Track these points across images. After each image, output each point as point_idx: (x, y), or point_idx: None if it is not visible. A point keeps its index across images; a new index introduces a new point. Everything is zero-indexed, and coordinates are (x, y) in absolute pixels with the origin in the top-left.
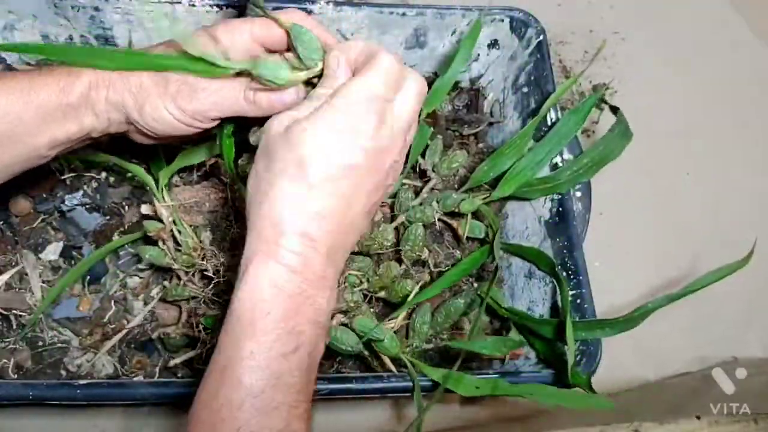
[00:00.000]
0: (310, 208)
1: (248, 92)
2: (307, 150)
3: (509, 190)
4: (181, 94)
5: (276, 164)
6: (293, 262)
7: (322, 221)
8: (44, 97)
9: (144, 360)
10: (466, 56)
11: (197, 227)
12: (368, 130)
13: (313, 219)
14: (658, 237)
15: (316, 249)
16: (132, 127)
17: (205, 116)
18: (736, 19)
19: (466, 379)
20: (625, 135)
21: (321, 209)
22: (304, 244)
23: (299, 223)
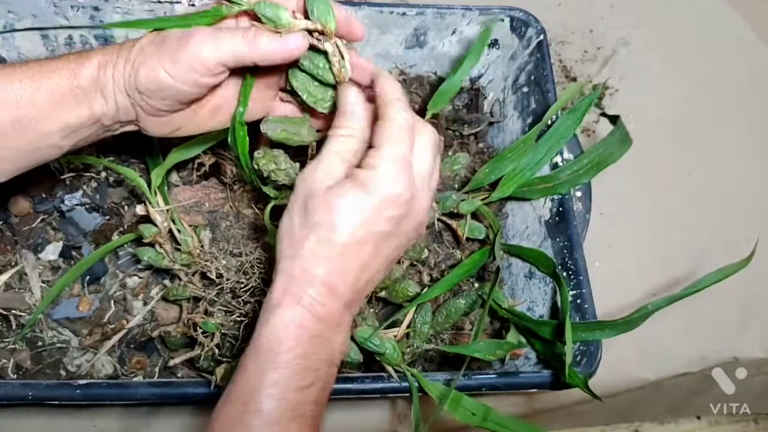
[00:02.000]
0: (336, 266)
1: (247, 32)
2: (341, 217)
3: (508, 191)
4: (176, 47)
5: (312, 222)
6: (317, 309)
7: (346, 277)
8: (56, 81)
9: (143, 360)
10: (474, 61)
11: (197, 227)
12: (398, 201)
13: (338, 276)
14: (658, 237)
15: (338, 301)
16: (140, 111)
17: (201, 63)
18: (736, 19)
19: (464, 401)
20: (624, 141)
21: (346, 269)
22: (328, 296)
23: (326, 278)
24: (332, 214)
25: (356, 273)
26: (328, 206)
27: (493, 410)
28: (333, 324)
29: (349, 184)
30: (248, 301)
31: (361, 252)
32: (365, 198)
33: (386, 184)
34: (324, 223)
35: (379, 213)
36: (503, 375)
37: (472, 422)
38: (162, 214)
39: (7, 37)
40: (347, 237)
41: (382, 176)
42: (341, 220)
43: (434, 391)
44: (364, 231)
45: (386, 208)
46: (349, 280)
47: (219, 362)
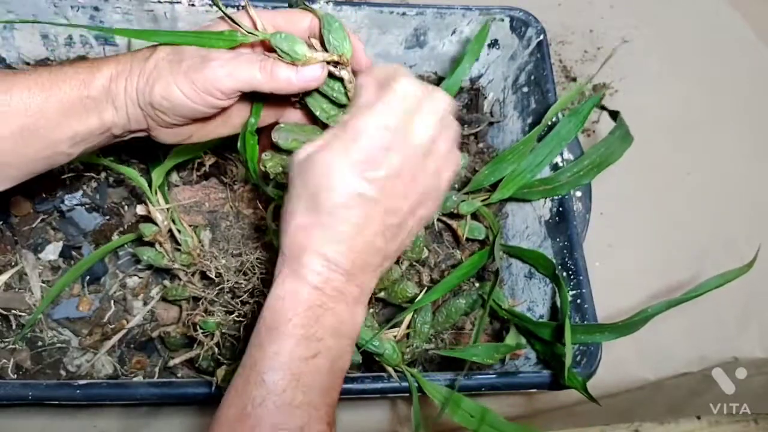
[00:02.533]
0: (325, 233)
1: (265, 62)
2: (319, 181)
3: (508, 193)
4: (193, 68)
5: (295, 193)
6: (314, 279)
7: (338, 245)
8: (66, 91)
9: (143, 360)
10: (471, 60)
11: (197, 227)
12: (377, 160)
13: (328, 243)
14: (658, 237)
15: (333, 269)
16: (151, 122)
17: (218, 89)
18: (736, 19)
19: (464, 403)
20: (625, 139)
21: (335, 235)
22: (322, 265)
23: (316, 247)
24: (314, 179)
25: (350, 239)
26: (309, 172)
27: (490, 412)
28: (334, 293)
29: (326, 146)
30: (247, 302)
31: (348, 216)
32: (341, 157)
33: (357, 141)
34: (307, 190)
35: (353, 173)
36: (503, 375)
37: (469, 425)
38: (162, 213)
39: (7, 37)
40: (330, 201)
41: (353, 131)
42: (322, 184)
43: (434, 393)
44: (344, 193)
45: (361, 166)
46: (341, 248)
47: (219, 362)
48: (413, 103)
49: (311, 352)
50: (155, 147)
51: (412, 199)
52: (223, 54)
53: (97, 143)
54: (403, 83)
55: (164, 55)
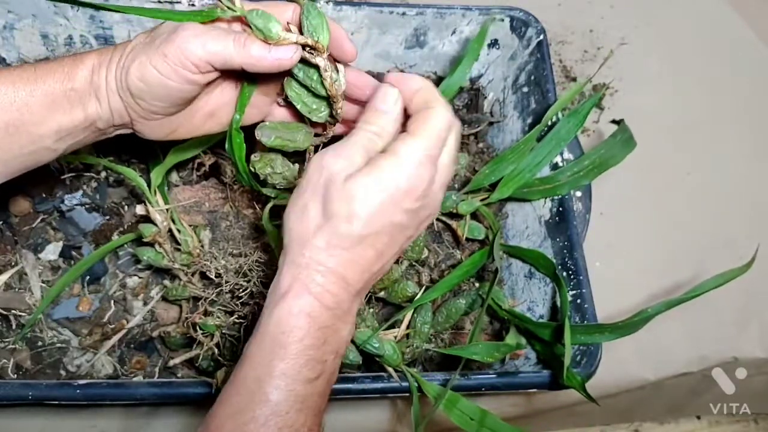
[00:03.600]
0: (350, 257)
1: (239, 35)
2: (360, 207)
3: (508, 192)
4: (166, 41)
5: (329, 212)
6: (328, 300)
7: (358, 267)
8: (50, 84)
9: (143, 360)
10: (471, 61)
11: (197, 227)
12: (417, 194)
13: (350, 266)
14: (658, 237)
15: (347, 290)
16: (133, 114)
17: (191, 60)
18: (736, 19)
19: (461, 402)
20: (627, 144)
21: (359, 259)
22: (339, 286)
23: (338, 268)
24: (351, 205)
25: (369, 263)
26: (347, 196)
27: (490, 415)
28: (342, 314)
29: (372, 172)
30: (248, 303)
31: (376, 242)
32: (386, 189)
33: (410, 175)
34: (341, 213)
35: (398, 203)
36: (503, 375)
37: (469, 428)
38: (162, 214)
39: (7, 37)
40: (364, 228)
41: (406, 166)
42: (360, 211)
43: (432, 392)
44: (382, 222)
45: (405, 199)
46: (360, 271)
47: (219, 363)
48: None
49: (315, 374)
50: (155, 147)
51: (425, 218)
52: (195, 25)
53: (82, 139)
54: (443, 116)
55: (141, 39)
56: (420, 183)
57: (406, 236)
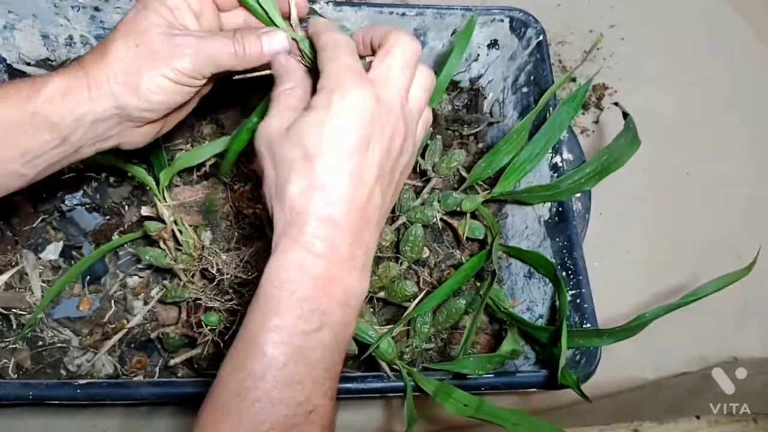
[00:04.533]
0: (327, 193)
1: (237, 41)
2: (311, 142)
3: (509, 186)
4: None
5: (285, 161)
6: (318, 247)
7: (341, 202)
8: (5, 109)
9: (144, 360)
10: (460, 54)
11: (197, 227)
12: (360, 103)
13: (332, 202)
14: (658, 237)
15: (340, 231)
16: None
17: (204, 74)
18: (736, 19)
19: (457, 393)
20: (632, 143)
21: (338, 192)
22: (327, 228)
23: (319, 209)
24: (302, 142)
25: (351, 192)
26: (294, 139)
27: (486, 402)
28: (341, 259)
29: (307, 112)
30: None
31: (347, 168)
32: (325, 115)
33: (342, 94)
34: (296, 156)
35: (346, 122)
36: (501, 375)
37: (464, 413)
38: (169, 210)
39: (7, 37)
40: (325, 157)
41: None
42: (312, 143)
43: (428, 386)
44: (339, 145)
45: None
46: (344, 204)
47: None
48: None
49: (315, 326)
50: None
51: (402, 153)
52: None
53: (54, 160)
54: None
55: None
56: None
57: (382, 158)
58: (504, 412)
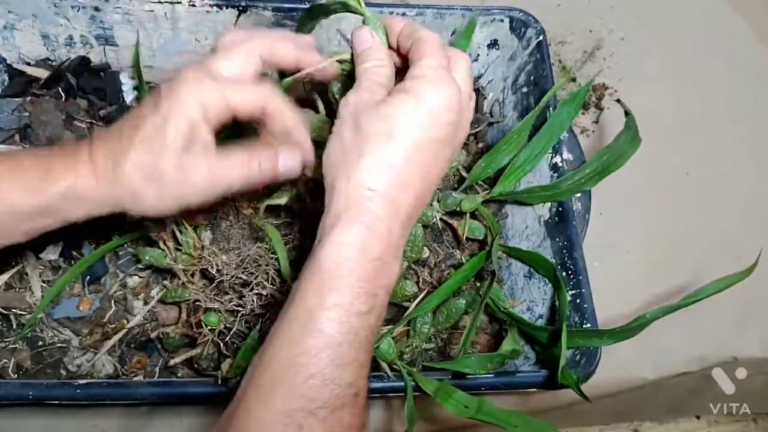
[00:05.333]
0: (398, 176)
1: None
2: (399, 124)
3: (509, 186)
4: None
5: (367, 133)
6: (379, 227)
7: (408, 190)
8: (13, 201)
9: (144, 360)
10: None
11: (197, 227)
12: (452, 105)
13: (399, 188)
14: (658, 237)
15: (399, 218)
16: None
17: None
18: (736, 19)
19: (457, 394)
20: (633, 143)
21: (407, 179)
22: (389, 211)
23: (388, 190)
24: (390, 122)
25: (417, 183)
26: (384, 115)
27: (486, 403)
28: (393, 246)
29: (401, 95)
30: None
31: (422, 158)
32: (420, 104)
33: (437, 88)
34: (381, 131)
35: (436, 117)
36: (501, 375)
37: (465, 414)
38: None
39: (7, 37)
40: (410, 140)
41: (431, 82)
42: (401, 125)
43: (429, 387)
44: (424, 137)
45: (442, 112)
46: (410, 194)
47: (219, 361)
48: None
49: (367, 307)
50: None
51: (461, 134)
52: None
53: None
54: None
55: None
56: (449, 94)
57: (447, 155)
58: (504, 413)
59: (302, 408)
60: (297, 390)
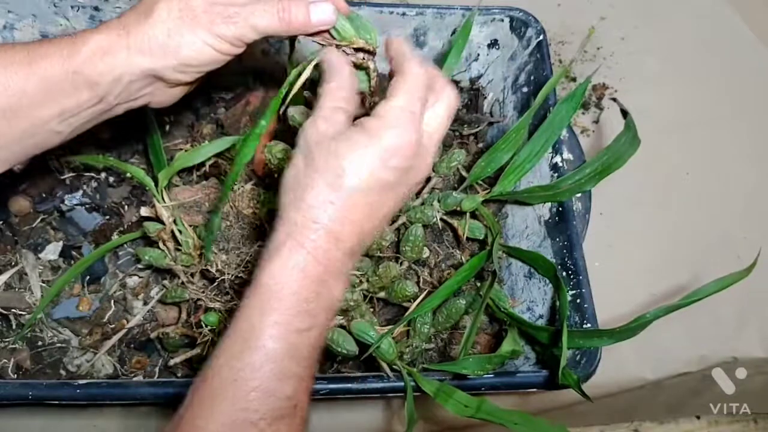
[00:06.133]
0: (341, 213)
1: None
2: (347, 163)
3: (510, 185)
4: (216, 23)
5: (317, 169)
6: (320, 255)
7: (350, 226)
8: (46, 68)
9: (144, 360)
10: (459, 53)
11: (197, 227)
12: (403, 152)
13: (342, 223)
14: (658, 237)
15: (339, 248)
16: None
17: (246, 40)
18: (736, 19)
19: (457, 394)
20: (632, 143)
21: (350, 216)
22: (330, 242)
23: (330, 224)
24: (339, 159)
25: (360, 221)
26: (335, 152)
27: (486, 402)
28: (335, 271)
29: (357, 131)
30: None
31: (366, 199)
32: (372, 145)
33: (394, 133)
34: (330, 167)
35: (385, 161)
36: (501, 375)
37: (465, 413)
38: (168, 211)
39: (7, 37)
40: (354, 182)
41: (389, 125)
42: (349, 165)
43: (429, 387)
44: (370, 178)
45: (392, 157)
46: (353, 228)
47: None
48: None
49: (307, 326)
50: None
51: (415, 178)
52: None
53: (89, 118)
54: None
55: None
56: (404, 140)
57: (397, 196)
58: (505, 412)
59: (244, 420)
60: (239, 403)
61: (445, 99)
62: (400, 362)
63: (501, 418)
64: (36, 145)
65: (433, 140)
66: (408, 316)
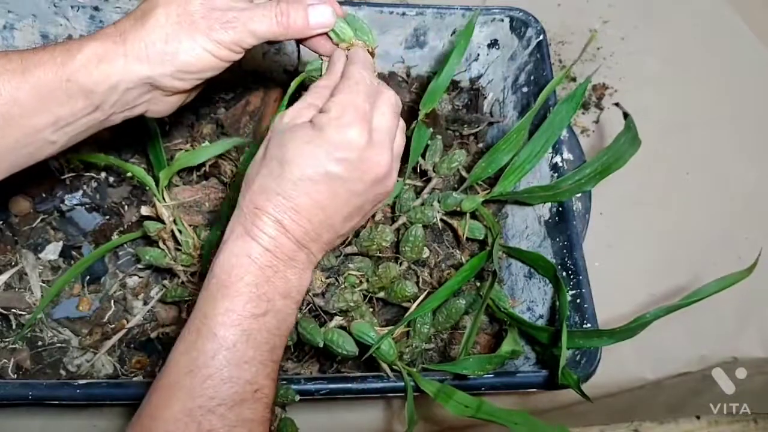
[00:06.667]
0: (285, 202)
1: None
2: (291, 153)
3: (510, 185)
4: (214, 28)
5: (269, 158)
6: (266, 242)
7: (295, 215)
8: (39, 76)
9: (144, 360)
10: (460, 54)
11: (197, 227)
12: (349, 145)
13: (286, 211)
14: (658, 237)
15: (287, 236)
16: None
17: (244, 46)
18: (736, 19)
19: (457, 395)
20: (633, 143)
21: (295, 205)
22: (277, 230)
23: (274, 212)
24: (282, 149)
25: (308, 212)
26: (280, 142)
27: (486, 403)
28: (284, 258)
29: (305, 125)
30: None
31: (313, 190)
32: (315, 136)
33: (337, 126)
34: (275, 157)
35: (329, 153)
36: (501, 375)
37: (465, 414)
38: (168, 210)
39: (6, 37)
40: (297, 173)
41: (333, 118)
42: (291, 155)
43: (429, 388)
44: (314, 169)
45: (336, 149)
46: (298, 218)
47: None
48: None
49: (261, 311)
50: (157, 146)
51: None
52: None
53: (85, 127)
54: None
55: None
56: (350, 132)
57: (352, 191)
58: (505, 412)
59: (201, 406)
60: (196, 390)
61: (385, 99)
62: (400, 362)
63: (501, 418)
64: (30, 155)
65: (383, 136)
66: (408, 316)
